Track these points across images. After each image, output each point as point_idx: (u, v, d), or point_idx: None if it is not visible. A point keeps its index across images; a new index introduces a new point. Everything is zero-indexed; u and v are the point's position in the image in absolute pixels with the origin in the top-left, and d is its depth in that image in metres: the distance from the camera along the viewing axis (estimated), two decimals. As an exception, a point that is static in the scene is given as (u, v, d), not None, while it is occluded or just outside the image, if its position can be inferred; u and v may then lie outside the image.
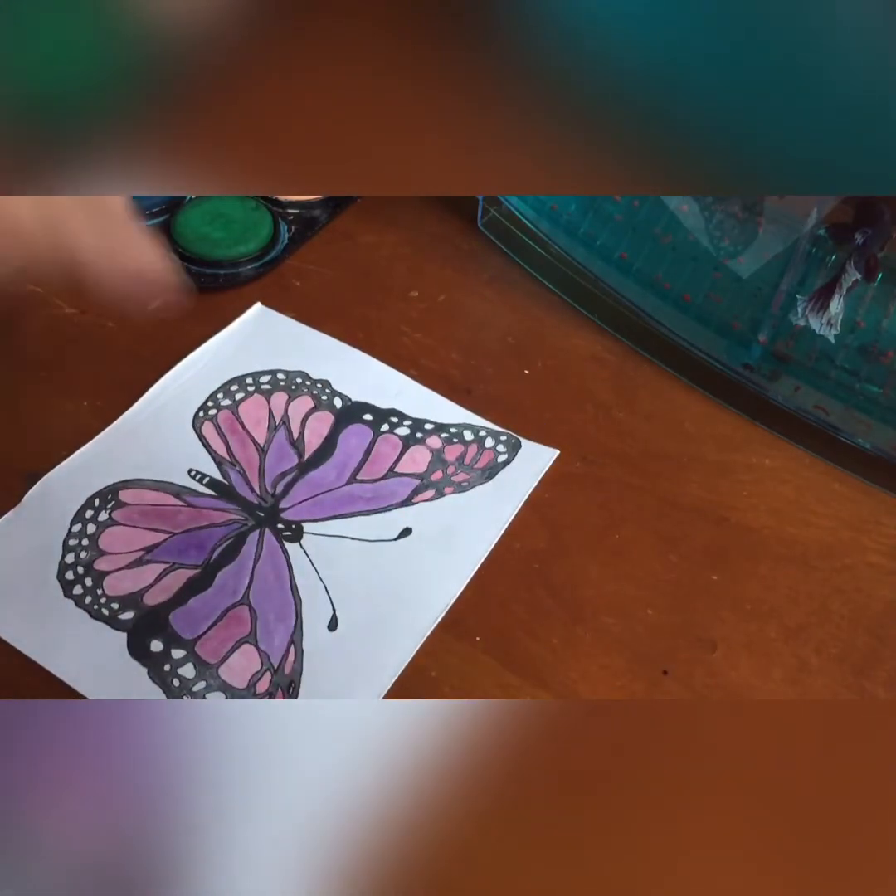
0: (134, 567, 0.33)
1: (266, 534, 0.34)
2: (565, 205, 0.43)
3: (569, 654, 0.32)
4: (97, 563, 0.33)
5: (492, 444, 0.37)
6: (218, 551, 0.34)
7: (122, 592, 0.33)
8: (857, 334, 0.37)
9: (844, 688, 0.32)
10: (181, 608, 0.32)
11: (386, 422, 0.38)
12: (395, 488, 0.36)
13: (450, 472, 0.36)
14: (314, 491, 0.36)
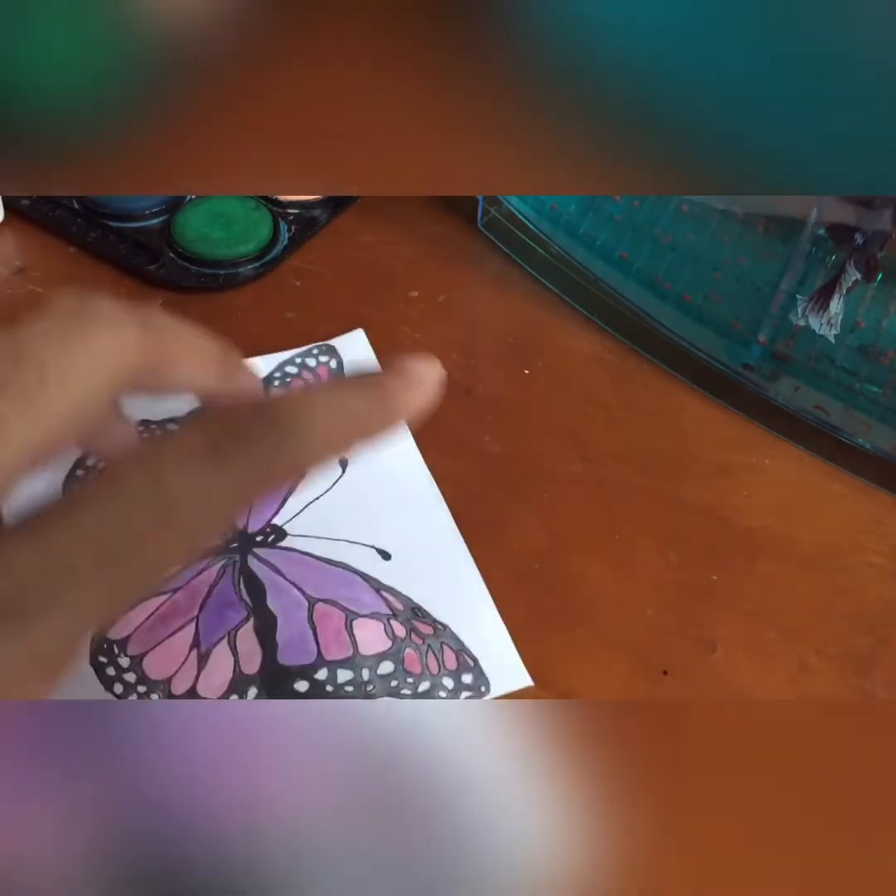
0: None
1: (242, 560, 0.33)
2: (565, 205, 0.43)
3: (569, 654, 0.32)
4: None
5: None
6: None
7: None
8: (857, 334, 0.37)
9: (844, 688, 0.32)
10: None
11: None
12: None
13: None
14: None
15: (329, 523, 0.35)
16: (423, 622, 0.32)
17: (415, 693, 0.31)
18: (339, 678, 0.30)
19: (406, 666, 0.31)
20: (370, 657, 0.31)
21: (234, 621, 0.31)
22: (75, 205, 0.44)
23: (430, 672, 0.31)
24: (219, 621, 0.31)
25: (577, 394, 0.40)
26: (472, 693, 0.31)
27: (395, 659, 0.31)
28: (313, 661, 0.31)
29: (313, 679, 0.30)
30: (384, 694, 0.30)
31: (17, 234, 0.43)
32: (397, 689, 0.31)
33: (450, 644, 0.32)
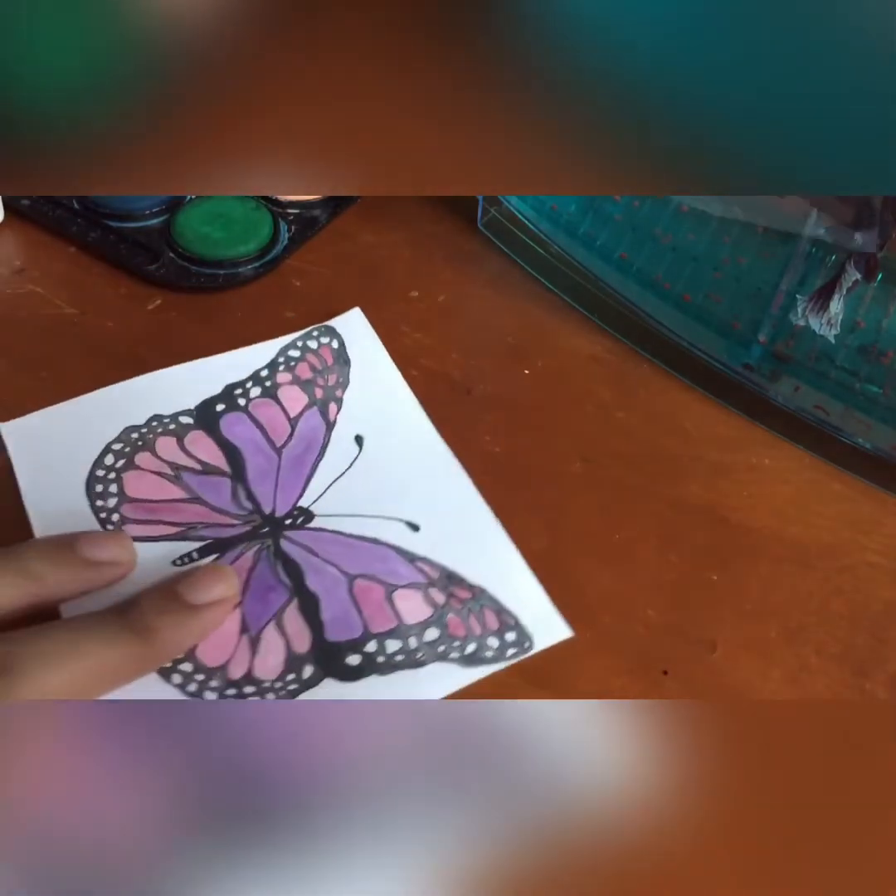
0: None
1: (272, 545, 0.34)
2: (565, 205, 0.43)
3: (569, 654, 0.32)
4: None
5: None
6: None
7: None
8: (857, 334, 0.37)
9: (844, 688, 0.32)
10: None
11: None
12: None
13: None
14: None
15: (354, 501, 0.35)
16: (460, 587, 0.33)
17: (462, 656, 0.31)
18: (387, 649, 0.31)
19: (451, 631, 0.32)
20: (414, 626, 0.32)
21: (278, 604, 0.32)
22: (75, 205, 0.44)
23: (475, 634, 0.32)
24: (263, 605, 0.32)
25: (577, 394, 0.40)
26: (516, 650, 0.32)
27: (438, 625, 0.32)
28: (360, 635, 0.31)
29: (363, 652, 0.31)
30: (434, 660, 0.31)
31: (17, 234, 0.43)
32: (446, 654, 0.31)
33: (489, 605, 0.33)
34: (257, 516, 0.34)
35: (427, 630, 0.32)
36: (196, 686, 0.30)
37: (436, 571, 0.33)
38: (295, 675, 0.30)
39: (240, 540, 0.34)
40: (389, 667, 0.31)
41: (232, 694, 0.30)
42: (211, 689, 0.30)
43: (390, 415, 0.38)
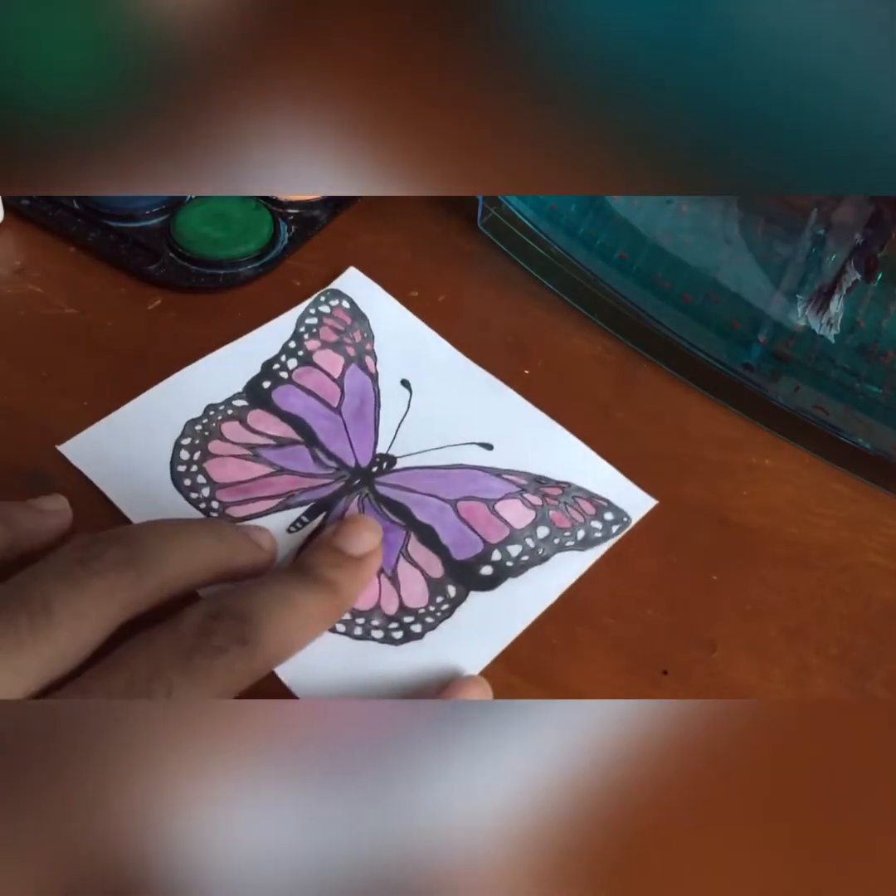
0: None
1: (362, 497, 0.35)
2: (565, 205, 0.43)
3: (569, 654, 0.32)
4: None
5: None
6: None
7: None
8: (857, 334, 0.37)
9: (844, 688, 0.32)
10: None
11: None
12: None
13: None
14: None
15: (424, 437, 0.37)
16: (549, 486, 0.36)
17: (577, 542, 0.34)
18: (511, 553, 0.34)
19: (557, 524, 0.35)
20: (525, 528, 0.35)
21: (399, 541, 0.34)
22: (75, 205, 0.44)
23: (579, 521, 0.35)
24: (386, 546, 0.34)
25: (577, 394, 0.40)
26: (619, 525, 0.35)
27: (544, 522, 0.35)
28: (482, 549, 0.34)
29: (492, 562, 0.34)
30: (555, 551, 0.34)
31: (17, 234, 0.43)
32: (563, 544, 0.34)
33: (580, 495, 0.36)
34: (345, 471, 0.36)
35: (537, 529, 0.35)
36: (360, 629, 0.32)
37: (523, 479, 0.36)
38: (442, 596, 0.33)
39: (338, 495, 0.35)
40: (519, 568, 0.34)
41: (394, 628, 0.32)
42: (374, 627, 0.32)
43: (422, 354, 0.40)
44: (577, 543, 0.34)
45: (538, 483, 0.36)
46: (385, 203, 0.46)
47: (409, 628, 0.32)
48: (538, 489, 0.36)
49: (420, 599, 0.33)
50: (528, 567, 0.34)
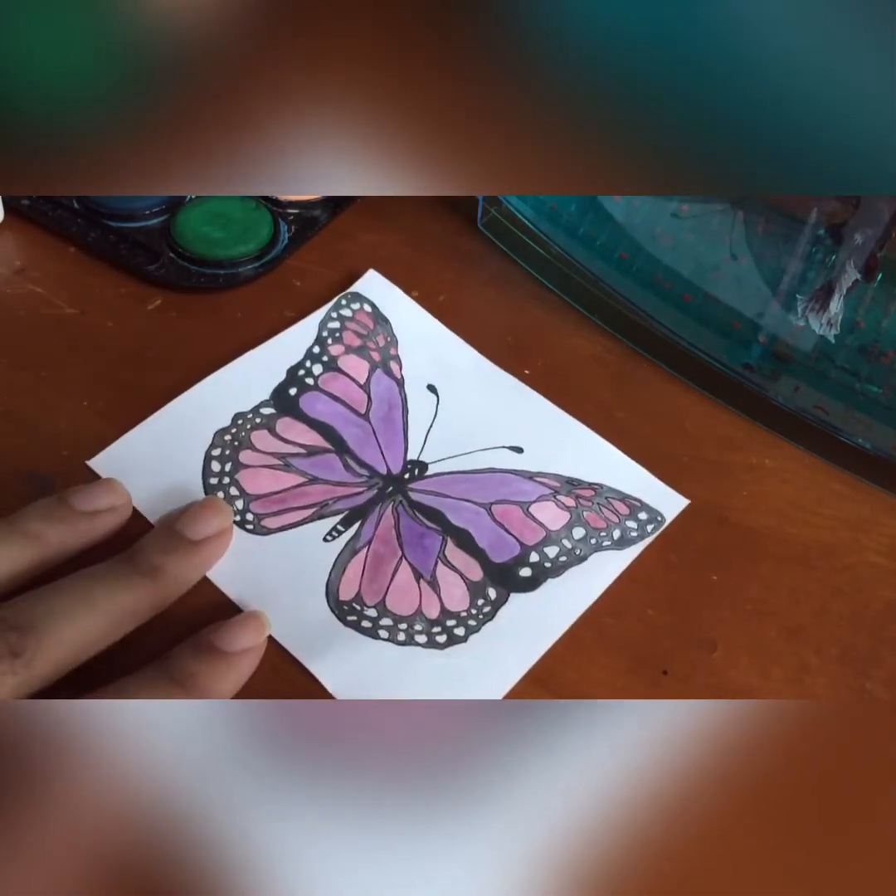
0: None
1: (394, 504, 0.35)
2: (565, 205, 0.43)
3: (569, 654, 0.32)
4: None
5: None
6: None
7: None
8: (857, 334, 0.37)
9: (844, 688, 0.32)
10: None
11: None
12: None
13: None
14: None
15: (453, 442, 0.37)
16: (581, 488, 0.36)
17: (614, 541, 0.34)
18: (549, 555, 0.34)
19: (593, 525, 0.35)
20: (561, 529, 0.35)
21: (436, 546, 0.34)
22: (75, 205, 0.44)
23: (614, 521, 0.35)
24: (423, 552, 0.34)
25: (577, 394, 0.40)
26: (654, 525, 0.35)
27: (580, 523, 0.35)
28: (520, 551, 0.34)
29: (530, 563, 0.34)
30: (592, 551, 0.34)
31: (17, 234, 0.43)
32: (600, 544, 0.34)
33: (612, 496, 0.36)
34: (377, 479, 0.36)
35: (573, 530, 0.35)
36: (404, 635, 0.32)
37: (555, 481, 0.36)
38: (483, 599, 0.33)
39: (372, 503, 0.35)
40: (558, 568, 0.34)
41: (437, 632, 0.32)
42: (417, 632, 0.32)
43: (446, 358, 0.40)
44: (613, 543, 0.34)
45: (570, 485, 0.36)
46: (385, 203, 0.46)
47: (452, 632, 0.32)
48: (571, 491, 0.36)
49: (461, 603, 0.33)
50: (567, 567, 0.34)
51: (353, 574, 0.33)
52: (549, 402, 0.39)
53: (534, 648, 0.32)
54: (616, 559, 0.34)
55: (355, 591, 0.33)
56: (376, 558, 0.33)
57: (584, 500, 0.35)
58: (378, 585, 0.33)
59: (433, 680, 0.31)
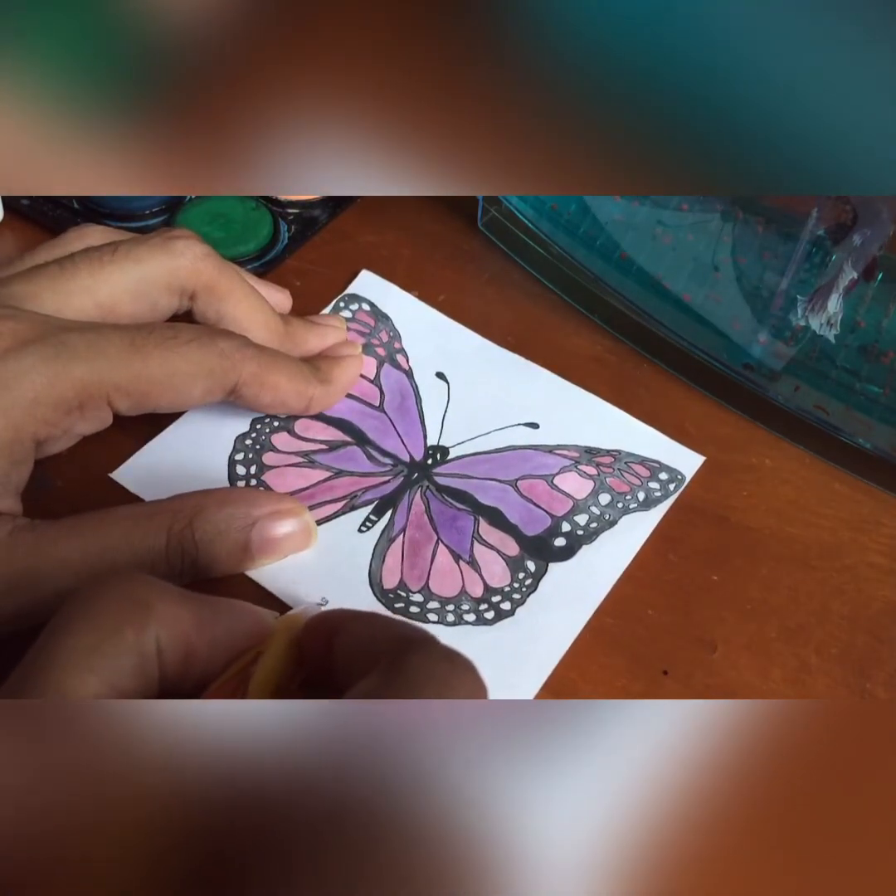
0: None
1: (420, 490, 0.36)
2: (565, 205, 0.43)
3: (569, 654, 0.32)
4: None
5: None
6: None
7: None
8: (857, 334, 0.37)
9: (844, 688, 0.32)
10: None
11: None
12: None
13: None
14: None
15: (470, 425, 0.38)
16: (601, 456, 0.37)
17: (640, 503, 0.36)
18: (580, 523, 0.35)
19: (617, 490, 0.36)
20: (587, 497, 0.36)
21: (469, 526, 0.35)
22: (75, 205, 0.44)
23: (636, 484, 0.36)
24: (458, 533, 0.35)
25: (577, 394, 0.40)
26: (675, 484, 0.36)
27: (604, 489, 0.36)
28: (551, 522, 0.35)
29: (563, 533, 0.35)
30: (621, 514, 0.35)
31: (17, 234, 0.43)
32: (628, 507, 0.36)
33: (632, 460, 0.37)
34: (402, 466, 0.36)
35: (599, 496, 0.36)
36: (453, 616, 0.32)
37: (574, 452, 0.37)
38: (524, 572, 0.34)
39: (400, 491, 0.36)
40: (591, 535, 0.35)
41: (484, 609, 0.33)
42: (465, 612, 0.32)
43: (450, 345, 0.41)
44: (640, 504, 0.36)
45: (589, 454, 0.37)
46: (385, 203, 0.46)
47: (498, 607, 0.33)
48: (591, 460, 0.37)
49: (502, 578, 0.33)
50: (599, 532, 0.35)
51: (393, 562, 0.34)
52: (557, 377, 0.40)
53: (580, 613, 0.33)
54: (645, 519, 0.35)
55: (398, 578, 0.33)
56: (413, 544, 0.34)
57: (604, 467, 0.36)
58: (419, 571, 0.33)
59: (488, 654, 0.31)
